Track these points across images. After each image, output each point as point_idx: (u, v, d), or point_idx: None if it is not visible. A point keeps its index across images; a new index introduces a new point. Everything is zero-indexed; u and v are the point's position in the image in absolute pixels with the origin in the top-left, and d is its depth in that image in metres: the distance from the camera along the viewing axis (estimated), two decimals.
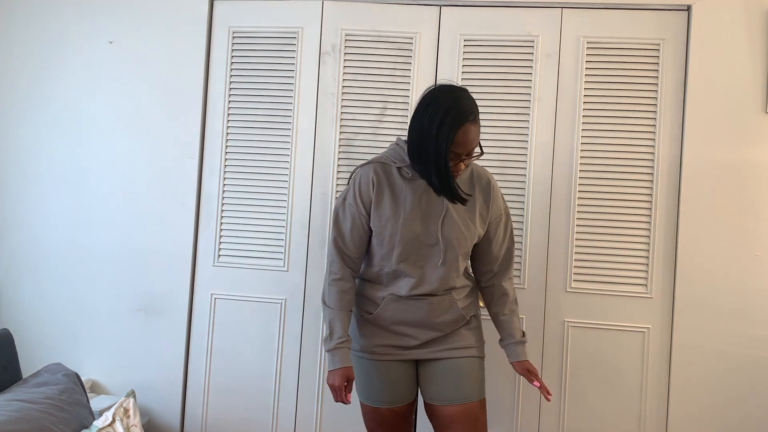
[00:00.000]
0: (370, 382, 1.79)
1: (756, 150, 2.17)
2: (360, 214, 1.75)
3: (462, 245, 1.74)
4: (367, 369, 1.80)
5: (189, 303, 2.42)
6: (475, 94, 2.27)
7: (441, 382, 1.77)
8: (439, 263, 1.73)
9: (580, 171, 2.25)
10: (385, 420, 1.80)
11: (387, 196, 1.72)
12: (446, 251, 1.72)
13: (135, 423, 1.93)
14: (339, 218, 1.78)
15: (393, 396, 1.79)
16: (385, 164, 1.76)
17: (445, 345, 1.78)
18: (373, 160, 1.80)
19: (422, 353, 1.78)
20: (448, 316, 1.77)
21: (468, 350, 1.79)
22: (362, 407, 1.83)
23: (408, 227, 1.71)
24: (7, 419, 1.62)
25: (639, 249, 2.22)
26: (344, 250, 1.78)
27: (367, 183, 1.74)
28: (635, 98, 2.23)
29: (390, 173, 1.74)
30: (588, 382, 2.24)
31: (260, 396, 2.38)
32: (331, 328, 1.74)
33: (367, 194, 1.74)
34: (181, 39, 2.42)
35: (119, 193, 2.44)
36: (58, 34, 2.48)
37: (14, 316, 2.50)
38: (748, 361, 2.16)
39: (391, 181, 1.74)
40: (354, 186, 1.77)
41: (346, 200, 1.78)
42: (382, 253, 1.75)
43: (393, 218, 1.71)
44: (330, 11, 2.36)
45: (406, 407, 1.82)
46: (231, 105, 2.41)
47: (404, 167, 1.73)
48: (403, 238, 1.71)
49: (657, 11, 2.23)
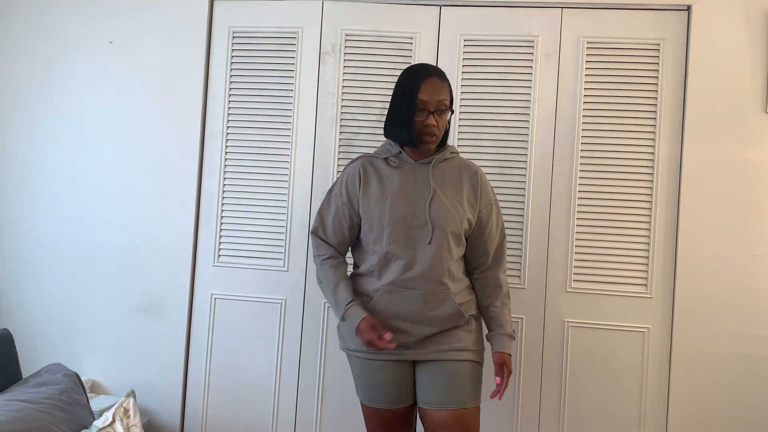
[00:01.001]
0: (369, 382, 1.79)
1: (756, 150, 2.17)
2: (343, 204, 1.80)
3: (451, 224, 1.73)
4: (366, 369, 1.79)
5: (189, 303, 2.42)
6: (475, 94, 2.30)
7: (432, 384, 1.74)
8: (428, 242, 1.73)
9: (580, 171, 2.25)
10: (386, 421, 1.79)
11: (374, 182, 1.79)
12: (434, 230, 1.72)
13: (135, 423, 1.93)
14: (323, 207, 1.86)
15: (393, 397, 1.78)
16: (373, 157, 1.85)
17: (440, 345, 1.75)
18: (361, 155, 1.88)
19: (418, 354, 1.76)
20: (444, 309, 1.73)
21: (463, 353, 1.75)
22: (363, 408, 1.83)
23: (396, 208, 1.74)
24: (7, 419, 1.62)
25: (639, 249, 2.22)
26: (324, 238, 1.84)
27: (353, 175, 1.81)
28: (635, 98, 2.23)
29: (377, 164, 1.82)
30: (588, 382, 2.24)
31: (260, 396, 2.38)
32: (335, 299, 1.77)
33: (353, 186, 1.80)
34: (181, 39, 2.42)
35: (119, 193, 2.44)
36: (58, 34, 2.48)
37: (14, 316, 2.50)
38: (748, 361, 2.16)
39: (378, 171, 1.81)
40: (342, 179, 1.84)
41: (332, 191, 1.85)
42: (373, 238, 1.76)
43: (381, 201, 1.75)
44: (330, 11, 2.36)
45: (405, 410, 1.80)
46: (231, 105, 2.41)
47: (390, 157, 1.81)
48: (392, 219, 1.73)
49: (657, 11, 2.23)
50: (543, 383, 2.26)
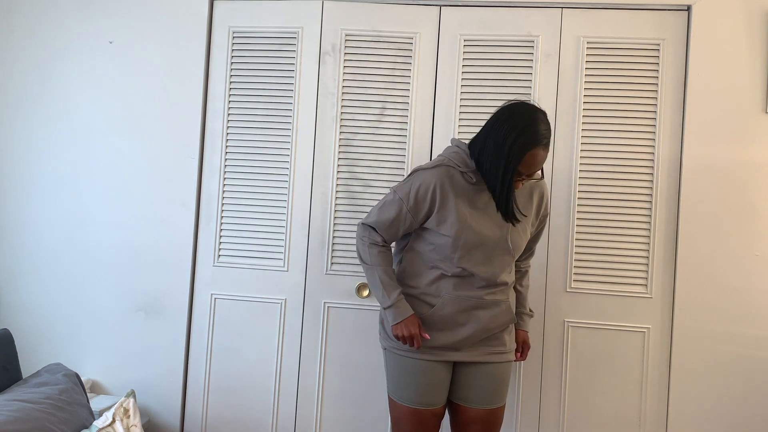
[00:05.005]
0: (411, 382, 1.80)
1: (756, 150, 2.16)
2: (408, 212, 1.77)
3: (521, 247, 1.82)
4: (412, 370, 1.80)
5: (189, 303, 2.42)
6: (475, 94, 2.30)
7: (476, 386, 1.81)
8: (503, 264, 1.79)
9: (580, 171, 2.25)
10: (424, 421, 1.80)
11: (451, 200, 1.75)
12: (511, 253, 1.79)
13: (135, 423, 1.93)
14: (385, 206, 1.81)
15: (434, 398, 1.80)
16: (450, 168, 1.77)
17: (485, 348, 1.82)
18: (438, 163, 1.80)
19: (466, 356, 1.81)
20: (502, 319, 1.83)
21: (505, 355, 1.86)
22: (398, 408, 1.83)
23: (473, 230, 1.73)
24: (7, 419, 1.62)
25: (639, 249, 2.22)
26: (377, 231, 1.83)
27: (426, 191, 1.75)
28: (635, 98, 2.23)
29: (455, 178, 1.76)
30: (588, 382, 2.24)
31: (260, 396, 2.38)
32: (382, 283, 1.78)
33: (423, 199, 1.75)
34: (181, 39, 2.42)
35: (119, 192, 2.44)
36: (58, 34, 2.48)
37: (14, 316, 2.50)
38: (748, 361, 2.16)
39: (455, 186, 1.76)
40: (412, 185, 1.77)
41: (397, 193, 1.79)
42: (442, 255, 1.77)
43: (458, 221, 1.73)
44: (330, 11, 2.36)
45: (442, 408, 1.85)
46: (231, 105, 2.41)
47: (468, 172, 1.75)
48: (468, 241, 1.74)
49: (657, 11, 2.23)
50: (543, 383, 2.26)
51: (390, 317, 1.77)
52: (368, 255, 1.82)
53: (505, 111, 1.70)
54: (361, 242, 1.85)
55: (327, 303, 2.34)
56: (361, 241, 1.85)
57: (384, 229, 1.82)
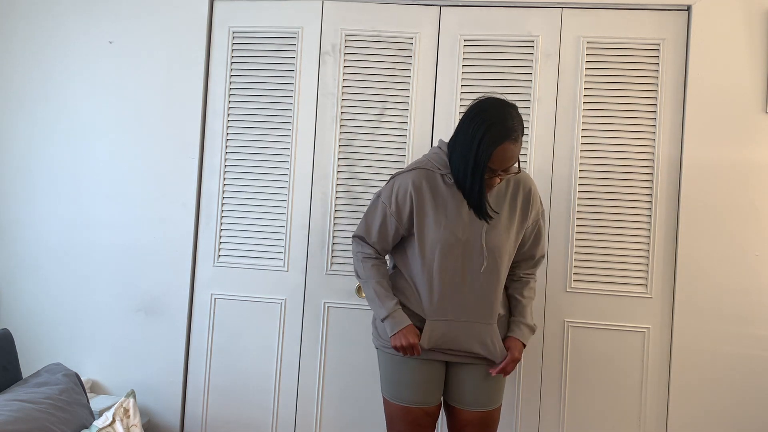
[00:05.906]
0: (402, 380, 1.80)
1: (756, 150, 2.16)
2: (391, 215, 1.78)
3: (504, 252, 1.76)
4: (401, 368, 1.80)
5: (189, 303, 2.42)
6: (475, 94, 2.29)
7: (469, 387, 1.81)
8: (482, 269, 1.74)
9: (580, 171, 2.25)
10: (416, 420, 1.80)
11: (429, 202, 1.74)
12: (489, 258, 1.74)
13: (135, 423, 1.93)
14: (369, 212, 1.84)
15: (425, 396, 1.80)
16: (428, 171, 1.76)
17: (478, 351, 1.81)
18: (417, 165, 1.79)
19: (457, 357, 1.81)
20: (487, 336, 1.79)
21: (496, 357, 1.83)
22: (390, 407, 1.83)
23: (451, 234, 1.72)
24: (7, 419, 1.62)
25: (639, 249, 2.22)
26: (368, 240, 1.83)
27: (404, 193, 1.75)
28: (635, 98, 2.23)
29: (433, 180, 1.75)
30: (588, 383, 2.24)
31: (260, 396, 2.38)
32: (377, 295, 1.78)
33: (403, 201, 1.76)
34: (181, 39, 2.42)
35: (119, 193, 2.45)
36: (58, 34, 2.48)
37: (14, 316, 2.50)
38: (748, 361, 2.16)
39: (432, 188, 1.75)
40: (392, 189, 1.78)
41: (380, 198, 1.81)
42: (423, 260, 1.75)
43: (435, 225, 1.72)
44: (330, 11, 2.36)
45: (435, 408, 1.83)
46: (231, 105, 2.41)
47: (447, 174, 1.74)
48: (445, 245, 1.72)
49: (657, 11, 2.23)
50: (543, 383, 2.26)
51: (387, 328, 1.76)
52: (362, 269, 1.84)
53: (475, 107, 1.68)
54: (356, 258, 1.87)
55: (327, 303, 2.34)
56: (355, 257, 1.87)
57: (374, 237, 1.82)
